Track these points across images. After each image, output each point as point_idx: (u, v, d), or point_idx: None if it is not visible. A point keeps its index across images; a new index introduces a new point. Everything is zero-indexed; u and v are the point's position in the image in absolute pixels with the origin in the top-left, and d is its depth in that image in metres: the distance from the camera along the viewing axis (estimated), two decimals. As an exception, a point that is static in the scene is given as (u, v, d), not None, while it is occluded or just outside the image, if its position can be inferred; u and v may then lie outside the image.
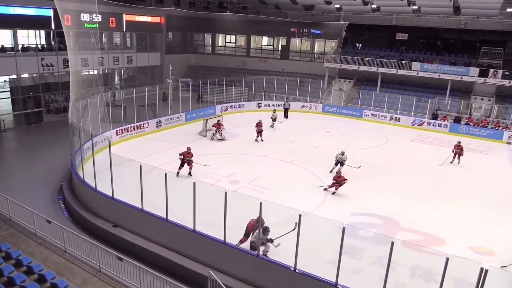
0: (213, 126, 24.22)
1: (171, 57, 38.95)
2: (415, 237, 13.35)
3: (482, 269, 7.68)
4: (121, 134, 22.34)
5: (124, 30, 34.62)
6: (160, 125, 25.20)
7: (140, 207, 12.89)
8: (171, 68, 27.25)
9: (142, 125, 23.86)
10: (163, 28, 38.49)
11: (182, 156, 17.66)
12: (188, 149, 18.11)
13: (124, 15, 33.52)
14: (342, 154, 18.60)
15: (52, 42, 28.98)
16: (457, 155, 21.69)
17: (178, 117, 26.84)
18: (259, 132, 23.84)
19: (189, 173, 17.69)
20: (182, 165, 17.61)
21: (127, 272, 10.27)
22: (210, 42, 47.80)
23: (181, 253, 12.08)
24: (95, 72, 30.46)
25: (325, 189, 16.77)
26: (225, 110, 31.08)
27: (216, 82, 31.77)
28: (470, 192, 17.89)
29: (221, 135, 23.95)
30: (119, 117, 22.94)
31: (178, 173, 17.27)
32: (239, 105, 32.99)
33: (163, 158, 19.34)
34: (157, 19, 37.49)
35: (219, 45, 47.75)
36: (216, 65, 43.88)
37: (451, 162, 21.59)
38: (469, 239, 13.49)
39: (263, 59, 43.97)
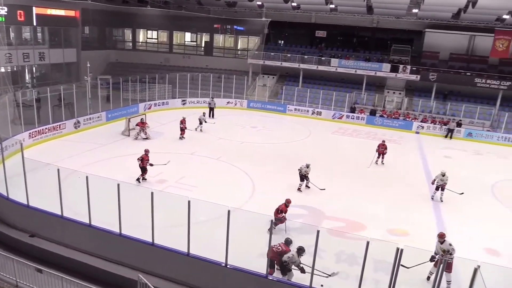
0: (137, 125, 23.43)
1: (89, 53, 36.87)
2: (338, 225, 14.08)
3: (398, 249, 8.35)
4: (35, 136, 20.73)
5: (35, 24, 32.09)
6: (79, 126, 23.79)
7: (60, 213, 12.11)
8: (88, 65, 25.79)
9: (58, 126, 22.34)
10: (79, 23, 36.31)
11: (140, 162, 16.44)
12: (146, 151, 16.94)
13: (34, 7, 31.06)
14: (307, 166, 17.02)
15: (-51, 37, 26.09)
16: (381, 155, 21.47)
17: (98, 117, 25.53)
18: (183, 130, 23.52)
19: (143, 178, 16.58)
20: (143, 171, 16.58)
21: (49, 284, 9.62)
22: (131, 38, 46.05)
23: (107, 259, 11.56)
24: (2, 69, 27.94)
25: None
26: (149, 108, 30.20)
27: (138, 79, 30.72)
28: (386, 180, 19.26)
29: (145, 134, 23.25)
30: (31, 118, 21.24)
31: (143, 179, 16.49)
32: (163, 102, 32.24)
33: (83, 161, 18.34)
34: (71, 13, 35.26)
35: (140, 41, 46.19)
36: (138, 62, 42.40)
37: (375, 163, 21.35)
38: (387, 223, 14.52)
39: (186, 55, 43.37)
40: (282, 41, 42.87)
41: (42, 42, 34.40)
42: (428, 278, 11.03)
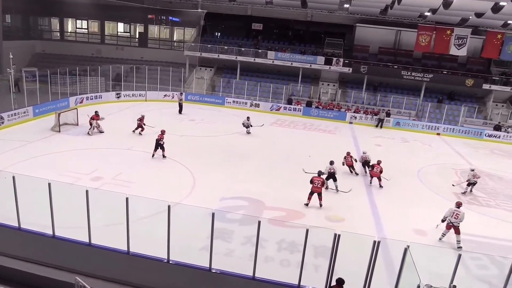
0: (92, 118, 22.46)
1: (11, 43, 34.14)
2: (278, 214, 14.40)
3: (335, 234, 8.74)
4: (-50, 134, 18.94)
5: None
6: (3, 122, 22.06)
7: (-16, 217, 11.21)
8: (11, 56, 23.90)
9: (-22, 123, 20.60)
10: (-2, 10, 33.46)
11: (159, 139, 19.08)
12: (163, 131, 19.42)
13: None
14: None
15: None
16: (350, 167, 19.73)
17: (24, 112, 23.81)
18: (140, 127, 23.15)
19: (163, 156, 19.19)
20: (156, 148, 19.12)
21: (-27, 293, 8.92)
22: (58, 28, 43.29)
23: (41, 263, 10.90)
24: None
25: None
26: (81, 102, 28.73)
27: (68, 71, 29.03)
28: (323, 168, 19.94)
29: (98, 127, 22.67)
30: None
31: (153, 155, 19.21)
32: (96, 96, 30.80)
33: (9, 160, 17.05)
34: (-11, 0, 32.39)
35: (69, 31, 43.58)
36: (67, 53, 40.00)
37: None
38: (324, 210, 15.10)
39: (119, 46, 41.66)
40: (219, 33, 42.62)
41: (-45, 31, 31.34)
42: (440, 239, 13.33)
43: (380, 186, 17.97)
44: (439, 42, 33.08)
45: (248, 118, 25.51)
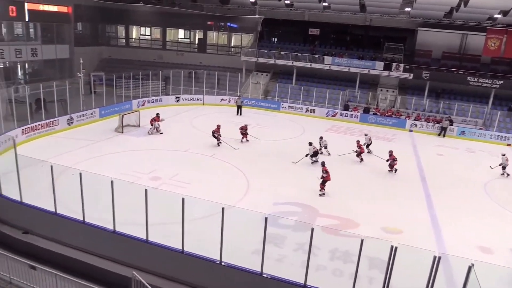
0: (154, 120, 23.64)
1: (82, 49, 36.52)
2: (332, 222, 14.14)
3: (392, 247, 8.39)
4: (27, 133, 20.54)
5: (27, 20, 31.69)
6: (72, 122, 23.63)
7: (54, 210, 12.03)
8: (81, 61, 25.59)
9: (51, 122, 22.17)
10: (71, 19, 35.94)
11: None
12: (218, 126, 22.12)
13: (26, 3, 30.66)
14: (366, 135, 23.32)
15: None
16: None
17: (91, 113, 25.37)
18: (244, 134, 23.48)
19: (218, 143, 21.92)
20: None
21: (42, 281, 9.56)
22: (124, 34, 45.71)
23: (101, 256, 11.50)
24: (-6, 65, 27.64)
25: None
26: (142, 105, 30.06)
27: (132, 76, 30.52)
28: (378, 177, 19.36)
29: (158, 127, 23.78)
30: (24, 114, 21.05)
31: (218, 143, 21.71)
32: (157, 99, 32.10)
33: (77, 157, 18.22)
34: (64, 9, 34.85)
35: (133, 37, 45.87)
36: (131, 58, 42.10)
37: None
38: (380, 220, 14.60)
39: (180, 52, 43.16)
40: (276, 39, 42.83)
41: (34, 38, 34.02)
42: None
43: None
44: (510, 46, 30.96)
45: (321, 138, 23.00)
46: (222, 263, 10.14)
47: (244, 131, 23.26)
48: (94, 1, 37.87)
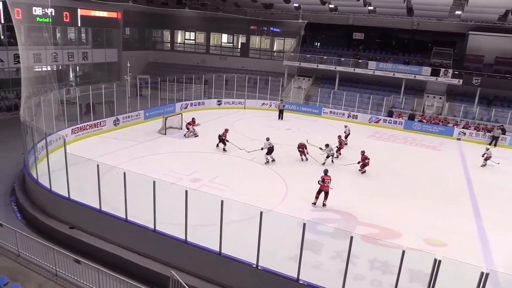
0: (189, 124, 24.10)
1: (129, 53, 38.02)
2: (372, 231, 13.80)
3: (435, 260, 8.07)
4: (77, 132, 21.58)
5: (79, 25, 33.40)
6: (118, 123, 24.55)
7: (98, 207, 12.54)
8: (128, 65, 26.59)
9: (99, 123, 23.15)
10: (120, 24, 37.50)
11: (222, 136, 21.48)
12: (226, 130, 22.04)
13: (79, 9, 32.34)
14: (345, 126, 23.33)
15: (2, 37, 27.48)
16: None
17: (136, 115, 26.26)
18: (302, 152, 21.03)
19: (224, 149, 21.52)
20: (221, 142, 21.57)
21: (86, 275, 9.96)
22: (169, 39, 47.05)
23: (141, 254, 11.86)
24: (49, 68, 29.23)
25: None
26: (185, 108, 30.74)
27: (176, 79, 31.33)
28: (423, 186, 18.68)
29: (194, 131, 24.16)
30: (74, 115, 22.14)
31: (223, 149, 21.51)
32: (199, 102, 32.73)
33: (122, 157, 18.90)
34: (113, 14, 36.46)
35: (178, 42, 47.11)
36: (176, 62, 43.31)
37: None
38: (423, 231, 14.08)
39: (223, 56, 43.84)
40: (319, 43, 42.54)
41: (85, 43, 35.76)
42: None
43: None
44: None
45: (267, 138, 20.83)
46: (259, 267, 10.15)
47: (302, 149, 21.02)
48: (142, 7, 39.31)
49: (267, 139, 20.33)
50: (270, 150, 20.00)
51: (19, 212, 14.80)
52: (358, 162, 19.83)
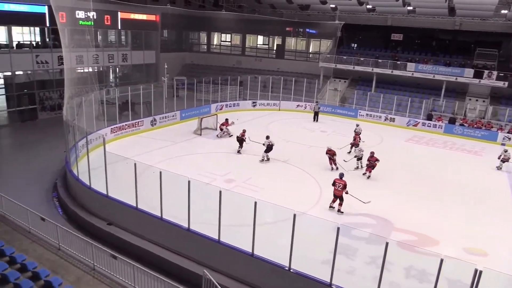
0: (223, 125, 24.40)
1: (166, 55, 38.83)
2: (409, 238, 13.43)
3: (476, 270, 7.74)
4: (115, 132, 22.26)
5: (119, 28, 34.47)
6: (155, 124, 25.14)
7: (135, 205, 12.86)
8: (166, 66, 27.18)
9: (137, 123, 23.79)
10: (159, 26, 38.38)
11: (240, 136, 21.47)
12: (244, 131, 21.82)
13: (119, 12, 33.36)
14: (357, 125, 23.52)
15: (47, 39, 28.80)
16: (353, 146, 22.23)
17: (173, 116, 26.79)
18: (333, 160, 19.79)
19: (238, 151, 21.39)
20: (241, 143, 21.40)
21: (121, 270, 10.25)
22: (206, 41, 47.71)
23: (175, 252, 12.07)
24: (90, 69, 30.32)
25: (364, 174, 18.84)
26: (220, 109, 31.05)
27: (211, 80, 31.75)
28: (464, 193, 18.00)
29: (228, 131, 24.37)
30: (113, 115, 22.86)
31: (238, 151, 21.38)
32: (234, 103, 32.98)
33: (158, 157, 19.32)
34: (152, 17, 37.37)
35: (215, 43, 47.68)
36: (212, 64, 43.81)
37: (348, 153, 22.27)
38: (463, 240, 13.58)
39: (258, 58, 43.99)
40: (355, 44, 41.88)
41: (125, 45, 36.86)
42: None
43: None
44: None
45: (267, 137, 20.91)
46: (291, 270, 10.10)
47: (331, 156, 19.74)
48: (180, 9, 40.08)
49: (267, 137, 20.37)
50: (269, 148, 20.12)
51: (61, 207, 15.41)
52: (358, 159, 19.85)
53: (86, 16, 28.82)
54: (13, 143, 23.53)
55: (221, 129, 24.39)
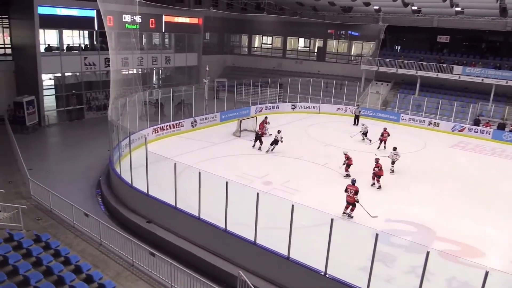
0: (261, 126, 24.24)
1: (208, 57, 39.44)
2: (452, 248, 12.88)
3: (524, 284, 7.31)
4: (157, 132, 22.84)
5: (163, 31, 35.38)
6: (195, 125, 25.57)
7: (174, 204, 13.11)
8: (207, 68, 27.60)
9: (178, 124, 24.31)
10: (201, 29, 39.04)
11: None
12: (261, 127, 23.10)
13: (163, 16, 34.25)
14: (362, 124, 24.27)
15: (95, 42, 30.04)
16: (383, 142, 23.71)
17: (213, 117, 27.16)
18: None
19: (259, 148, 22.11)
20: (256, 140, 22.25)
21: (159, 267, 10.48)
22: (247, 43, 48.04)
23: (211, 252, 12.20)
24: (135, 71, 31.29)
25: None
26: (260, 111, 31.12)
27: (251, 83, 31.92)
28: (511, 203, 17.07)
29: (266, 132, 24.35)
30: (156, 115, 23.45)
31: (259, 148, 22.06)
32: (274, 106, 32.98)
33: (197, 157, 19.60)
34: (195, 20, 38.07)
35: (255, 46, 47.91)
36: (252, 66, 44.05)
37: (377, 148, 23.54)
38: (510, 252, 12.85)
39: (299, 60, 43.76)
40: (399, 47, 40.73)
41: (168, 47, 37.78)
42: None
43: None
44: None
45: (279, 131, 22.00)
46: (327, 275, 9.94)
47: (379, 170, 17.75)
48: (222, 12, 40.60)
49: (278, 132, 21.68)
50: (275, 141, 21.46)
51: (103, 204, 15.99)
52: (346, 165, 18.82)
53: (132, 19, 29.77)
54: (61, 141, 24.73)
55: (260, 136, 22.82)
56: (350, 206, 14.56)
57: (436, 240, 13.31)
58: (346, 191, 14.61)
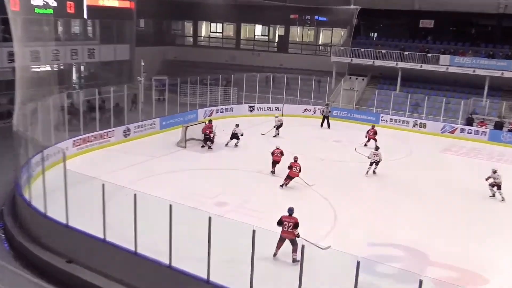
0: (206, 130, 24.44)
1: (143, 50, 38.92)
2: (449, 274, 13.19)
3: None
4: (79, 145, 22.08)
5: (85, 17, 34.50)
6: (129, 134, 25.00)
7: (102, 237, 12.62)
8: (143, 63, 27.20)
9: (106, 134, 23.64)
10: (133, 15, 38.50)
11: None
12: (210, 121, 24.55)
13: (85, -2, 33.51)
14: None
15: (-7, 31, 28.86)
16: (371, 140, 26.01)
17: (151, 124, 26.67)
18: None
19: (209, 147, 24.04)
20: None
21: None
22: (191, 32, 47.92)
23: (154, 296, 11.82)
24: (48, 68, 30.31)
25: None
26: (210, 115, 30.95)
27: (199, 80, 31.74)
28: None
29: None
30: (77, 124, 22.69)
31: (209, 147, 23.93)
32: (227, 108, 32.93)
33: (132, 175, 19.12)
34: (126, 4, 37.44)
35: (203, 35, 47.91)
36: (199, 60, 43.93)
37: (364, 145, 25.76)
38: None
39: (256, 52, 44.14)
40: (375, 34, 42.14)
41: (92, 37, 36.95)
42: None
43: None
44: None
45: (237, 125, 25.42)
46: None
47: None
48: (160, -6, 40.31)
49: (237, 125, 24.67)
50: (235, 135, 24.30)
51: (7, 240, 15.15)
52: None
53: (44, 2, 28.88)
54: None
55: (208, 138, 24.16)
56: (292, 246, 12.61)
57: (430, 266, 13.60)
58: (280, 223, 12.89)
